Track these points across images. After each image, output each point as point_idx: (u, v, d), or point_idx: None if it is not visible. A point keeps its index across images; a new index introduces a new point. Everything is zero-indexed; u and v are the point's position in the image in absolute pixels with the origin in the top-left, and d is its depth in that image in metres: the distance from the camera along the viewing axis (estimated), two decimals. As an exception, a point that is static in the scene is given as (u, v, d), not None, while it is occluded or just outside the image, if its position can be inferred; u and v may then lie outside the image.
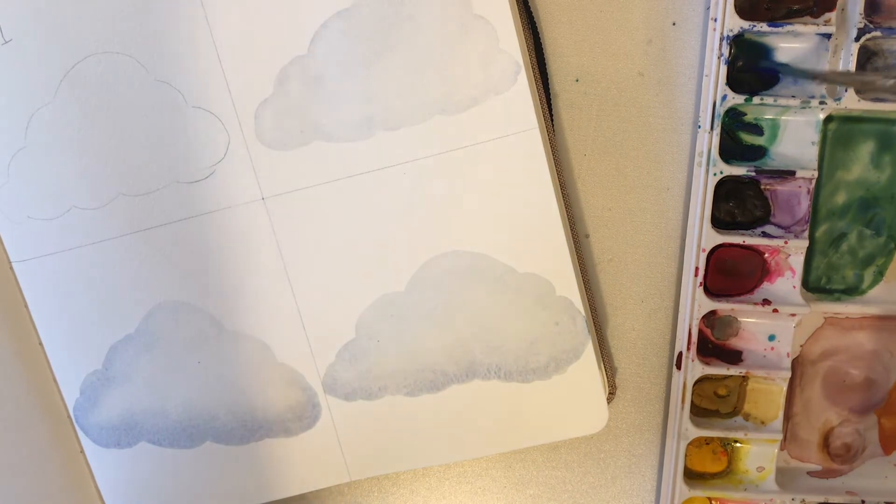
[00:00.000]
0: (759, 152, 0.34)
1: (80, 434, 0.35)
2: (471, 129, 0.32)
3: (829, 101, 0.33)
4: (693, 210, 0.34)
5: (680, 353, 0.35)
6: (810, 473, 0.37)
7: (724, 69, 0.33)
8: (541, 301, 0.33)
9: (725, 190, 0.35)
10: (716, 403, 0.36)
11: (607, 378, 0.35)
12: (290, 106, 0.32)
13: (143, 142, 0.33)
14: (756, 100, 0.33)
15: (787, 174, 0.34)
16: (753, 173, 0.34)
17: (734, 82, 0.33)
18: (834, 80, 0.31)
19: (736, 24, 0.32)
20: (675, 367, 0.35)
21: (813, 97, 0.33)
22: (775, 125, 0.34)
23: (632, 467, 0.37)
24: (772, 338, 0.35)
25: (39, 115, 0.33)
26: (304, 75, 0.32)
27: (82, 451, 0.36)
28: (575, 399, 0.34)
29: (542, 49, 0.34)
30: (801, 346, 0.36)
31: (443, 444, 0.34)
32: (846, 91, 0.32)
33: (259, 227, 0.33)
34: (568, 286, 0.33)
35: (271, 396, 0.34)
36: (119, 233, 0.33)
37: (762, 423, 0.36)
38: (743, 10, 0.33)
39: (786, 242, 0.34)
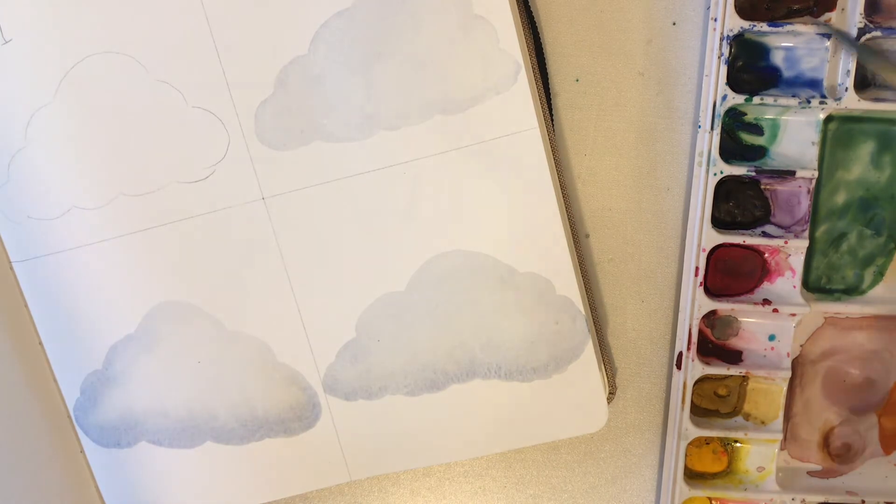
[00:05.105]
0: (760, 152, 0.34)
1: (80, 434, 0.35)
2: (471, 129, 0.32)
3: (830, 101, 0.33)
4: (693, 210, 0.34)
5: (680, 353, 0.35)
6: (810, 473, 0.37)
7: (724, 69, 0.33)
8: (541, 300, 0.33)
9: (725, 190, 0.35)
10: (716, 403, 0.36)
11: (607, 378, 0.35)
12: (290, 106, 0.32)
13: (143, 142, 0.33)
14: (756, 100, 0.33)
15: (787, 174, 0.34)
16: (753, 173, 0.34)
17: (734, 82, 0.33)
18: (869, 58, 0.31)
19: (736, 23, 0.32)
20: (675, 367, 0.35)
21: (813, 97, 0.33)
22: (775, 125, 0.34)
23: (632, 467, 0.37)
24: (772, 338, 0.35)
25: (39, 115, 0.33)
26: (304, 75, 0.32)
27: (82, 451, 0.36)
28: (575, 398, 0.34)
29: (542, 49, 0.34)
30: (801, 346, 0.36)
31: (443, 443, 0.34)
32: (847, 91, 0.32)
33: (259, 228, 0.33)
34: (568, 286, 0.33)
35: (271, 396, 0.34)
36: (119, 233, 0.33)
37: (762, 423, 0.36)
38: (743, 10, 0.33)
39: (786, 242, 0.34)
